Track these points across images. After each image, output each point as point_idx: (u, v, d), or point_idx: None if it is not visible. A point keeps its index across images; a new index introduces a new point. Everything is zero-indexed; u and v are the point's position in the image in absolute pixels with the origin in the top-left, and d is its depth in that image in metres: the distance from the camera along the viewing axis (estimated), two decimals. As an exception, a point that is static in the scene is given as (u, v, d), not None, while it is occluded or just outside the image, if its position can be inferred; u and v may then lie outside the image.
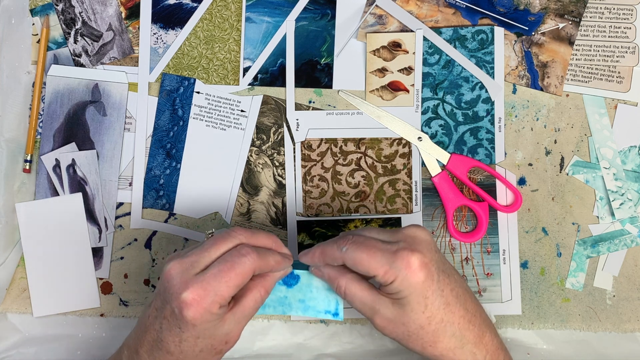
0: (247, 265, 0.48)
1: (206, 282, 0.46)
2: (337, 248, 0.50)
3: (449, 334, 0.50)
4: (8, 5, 0.64)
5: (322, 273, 0.52)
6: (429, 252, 0.49)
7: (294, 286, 0.54)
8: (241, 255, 0.48)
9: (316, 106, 0.65)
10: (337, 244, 0.50)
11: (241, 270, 0.47)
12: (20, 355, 0.64)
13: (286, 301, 0.53)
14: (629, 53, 0.65)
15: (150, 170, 0.65)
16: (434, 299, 0.49)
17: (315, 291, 0.54)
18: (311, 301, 0.53)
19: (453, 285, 0.50)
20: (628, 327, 0.65)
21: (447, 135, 0.65)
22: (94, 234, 0.65)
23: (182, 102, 0.65)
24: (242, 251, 0.48)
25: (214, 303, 0.47)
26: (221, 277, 0.47)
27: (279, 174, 0.65)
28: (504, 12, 0.65)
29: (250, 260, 0.48)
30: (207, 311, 0.46)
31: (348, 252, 0.49)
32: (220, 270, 0.47)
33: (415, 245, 0.49)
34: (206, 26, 0.65)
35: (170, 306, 0.47)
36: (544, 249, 0.65)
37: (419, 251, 0.48)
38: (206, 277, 0.47)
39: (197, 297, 0.46)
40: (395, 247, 0.48)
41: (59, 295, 0.64)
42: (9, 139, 0.64)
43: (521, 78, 0.65)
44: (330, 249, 0.50)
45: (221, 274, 0.47)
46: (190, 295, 0.46)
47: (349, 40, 0.65)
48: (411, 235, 0.50)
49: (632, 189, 0.65)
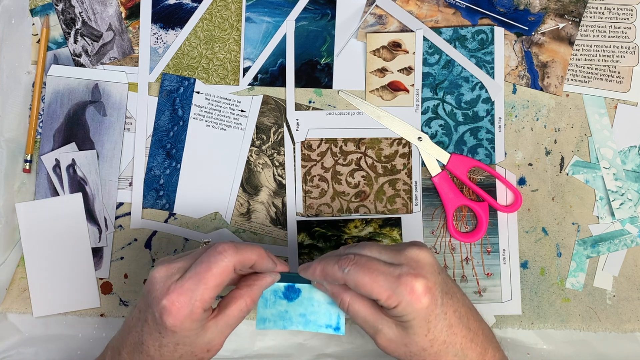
0: (225, 262, 0.46)
1: (185, 287, 0.45)
2: (338, 269, 0.48)
3: (451, 355, 0.49)
4: (8, 5, 0.64)
5: (324, 288, 0.51)
6: (432, 275, 0.48)
7: (294, 300, 0.53)
8: (217, 253, 0.46)
9: (316, 106, 0.65)
10: (339, 264, 0.48)
11: (219, 270, 0.46)
12: (20, 355, 0.64)
13: (287, 315, 0.53)
14: (629, 53, 0.65)
15: (150, 170, 0.65)
16: (436, 323, 0.48)
17: (316, 305, 0.53)
18: (312, 315, 0.53)
19: (456, 306, 0.50)
20: (628, 327, 0.65)
21: (447, 135, 0.65)
22: (94, 234, 0.65)
23: (182, 102, 0.65)
24: (218, 248, 0.47)
25: (195, 309, 0.46)
26: (199, 280, 0.46)
27: (279, 174, 0.65)
28: (504, 12, 0.65)
29: (227, 256, 0.46)
30: (188, 318, 0.46)
31: (350, 274, 0.48)
32: (197, 272, 0.46)
33: (419, 269, 0.48)
34: (206, 26, 0.65)
35: (152, 310, 0.47)
36: (544, 249, 0.65)
37: (423, 276, 0.47)
38: (185, 283, 0.46)
39: (177, 303, 0.45)
40: (398, 272, 0.47)
41: (59, 295, 0.64)
42: (9, 139, 0.64)
43: (521, 78, 0.65)
44: (332, 269, 0.49)
45: (198, 276, 0.46)
46: (169, 301, 0.45)
47: (349, 40, 0.65)
48: (414, 258, 0.48)
49: (632, 189, 0.65)
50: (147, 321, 0.48)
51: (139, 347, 0.48)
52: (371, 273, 0.47)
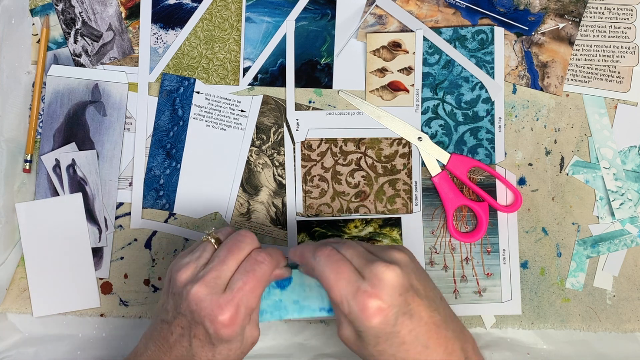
0: (267, 270, 0.50)
1: (237, 299, 0.48)
2: (312, 255, 0.50)
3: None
4: (8, 5, 0.64)
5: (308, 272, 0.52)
6: (390, 297, 0.47)
7: (287, 287, 0.54)
8: (259, 263, 0.50)
9: (316, 106, 0.65)
10: (314, 251, 0.50)
11: (262, 278, 0.50)
12: (20, 355, 0.64)
13: (281, 304, 0.53)
14: (629, 53, 0.65)
15: (150, 170, 0.65)
16: (386, 339, 0.47)
17: (308, 290, 0.53)
18: (305, 301, 0.53)
19: (414, 325, 0.48)
20: (628, 327, 0.65)
21: (447, 135, 0.65)
22: (94, 234, 0.65)
23: (182, 102, 0.65)
24: (258, 258, 0.50)
25: (245, 317, 0.49)
26: (247, 289, 0.49)
27: (279, 174, 0.65)
28: (504, 12, 0.65)
29: (267, 265, 0.50)
30: (240, 327, 0.48)
31: (318, 263, 0.49)
32: (245, 282, 0.49)
33: (378, 289, 0.47)
34: (206, 26, 0.65)
35: (204, 327, 0.48)
36: (544, 249, 0.65)
37: (379, 297, 0.46)
38: (235, 294, 0.48)
39: (232, 316, 0.48)
40: (359, 285, 0.47)
41: (59, 295, 0.64)
42: (9, 139, 0.64)
43: (521, 78, 0.65)
44: (307, 254, 0.50)
45: (247, 286, 0.49)
46: (226, 316, 0.48)
47: (349, 40, 0.65)
48: (378, 276, 0.47)
49: (632, 189, 0.65)
50: (197, 337, 0.49)
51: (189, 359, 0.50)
52: (337, 273, 0.48)
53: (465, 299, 0.65)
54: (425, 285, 0.50)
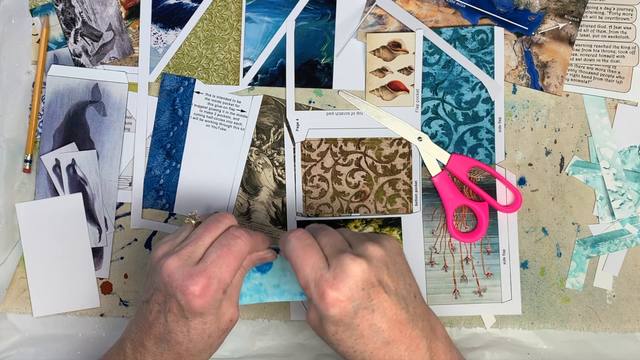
0: (243, 246, 0.49)
1: (209, 270, 0.48)
2: (285, 235, 0.50)
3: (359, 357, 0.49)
4: (8, 5, 0.64)
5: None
6: (350, 290, 0.46)
7: (267, 272, 0.54)
8: (236, 238, 0.49)
9: (316, 106, 0.65)
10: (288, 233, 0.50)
11: (238, 253, 0.49)
12: (20, 355, 0.64)
13: (262, 288, 0.54)
14: (629, 53, 0.65)
15: (150, 170, 0.65)
16: (344, 329, 0.47)
17: (289, 274, 0.54)
18: (286, 285, 0.53)
19: (375, 320, 0.47)
20: (628, 327, 0.65)
21: (447, 135, 0.65)
22: (94, 234, 0.65)
23: (182, 102, 0.65)
24: (235, 233, 0.50)
25: (218, 289, 0.48)
26: (221, 262, 0.48)
27: (279, 174, 0.65)
28: (504, 12, 0.65)
29: (244, 241, 0.49)
30: (213, 298, 0.48)
31: (288, 244, 0.49)
32: (219, 255, 0.48)
33: (339, 280, 0.46)
34: (206, 26, 0.65)
35: (176, 300, 0.48)
36: (544, 249, 0.65)
37: (338, 289, 0.46)
38: (208, 266, 0.48)
39: (203, 286, 0.47)
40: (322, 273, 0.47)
41: (59, 295, 0.64)
42: (9, 139, 0.64)
43: (521, 78, 0.65)
44: (283, 237, 0.51)
45: (221, 259, 0.48)
46: (197, 287, 0.47)
47: (349, 40, 0.65)
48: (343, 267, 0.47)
49: (632, 189, 0.65)
50: (172, 310, 0.49)
51: (166, 336, 0.50)
52: (304, 257, 0.48)
53: (465, 299, 0.65)
54: (397, 282, 0.49)
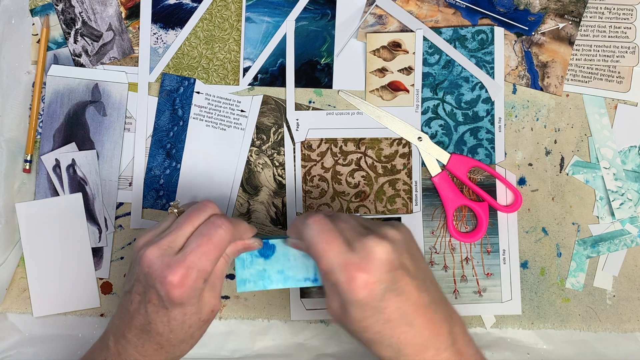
0: (224, 235, 0.48)
1: (188, 260, 0.47)
2: (302, 221, 0.49)
3: (385, 344, 0.48)
4: (8, 5, 0.64)
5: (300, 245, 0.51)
6: (378, 272, 0.46)
7: (271, 257, 0.53)
8: (217, 227, 0.48)
9: (316, 106, 0.65)
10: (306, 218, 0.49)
11: (219, 242, 0.48)
12: (20, 355, 0.64)
13: (265, 274, 0.53)
14: (629, 53, 0.65)
15: (150, 170, 0.65)
16: (372, 314, 0.47)
17: (292, 259, 0.53)
18: (290, 270, 0.53)
19: (401, 304, 0.47)
20: (628, 327, 0.65)
21: (447, 135, 0.65)
22: (94, 234, 0.65)
23: (182, 102, 0.65)
24: (216, 222, 0.49)
25: (198, 279, 0.47)
26: (201, 252, 0.48)
27: (279, 174, 0.65)
28: (504, 12, 0.65)
29: (225, 230, 0.49)
30: (192, 288, 0.47)
31: (308, 229, 0.48)
32: (199, 245, 0.48)
33: (367, 263, 0.46)
34: (206, 26, 0.65)
35: (155, 290, 0.48)
36: (544, 249, 0.65)
37: (367, 271, 0.46)
38: (187, 255, 0.47)
39: (182, 276, 0.47)
40: (348, 258, 0.46)
41: (59, 295, 0.64)
42: (9, 139, 0.64)
43: (521, 78, 0.65)
44: (298, 222, 0.49)
45: (200, 249, 0.48)
46: (175, 277, 0.47)
47: (349, 40, 0.65)
48: (369, 250, 0.47)
49: (632, 189, 0.65)
50: (152, 301, 0.49)
51: (146, 327, 0.50)
52: (327, 243, 0.47)
53: (465, 299, 0.65)
54: (417, 266, 0.49)
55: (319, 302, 0.65)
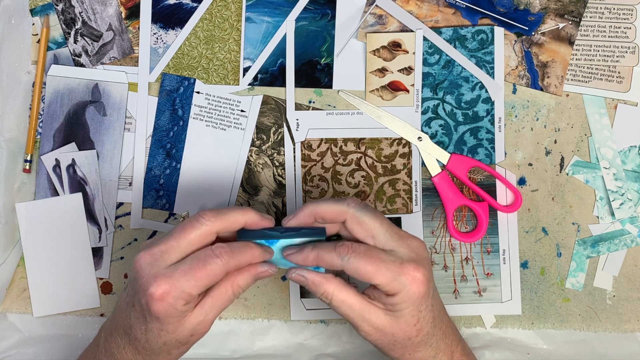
0: (219, 265, 0.47)
1: (175, 278, 0.46)
2: (337, 256, 0.48)
3: (428, 346, 0.51)
4: (8, 5, 0.64)
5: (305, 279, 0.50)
6: (428, 268, 0.50)
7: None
8: (214, 256, 0.47)
9: (316, 106, 0.65)
10: (337, 251, 0.48)
11: (211, 271, 0.47)
12: (20, 355, 0.64)
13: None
14: (629, 53, 0.65)
15: (150, 170, 0.65)
16: (425, 313, 0.50)
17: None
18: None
19: (438, 300, 0.53)
20: (628, 327, 0.65)
21: (447, 135, 0.65)
22: (94, 234, 0.65)
23: (182, 102, 0.65)
24: (216, 251, 0.47)
25: (179, 299, 0.46)
26: (191, 275, 0.47)
27: (279, 174, 0.65)
28: (504, 12, 0.65)
29: (222, 261, 0.47)
30: (172, 306, 0.47)
31: (350, 262, 0.48)
32: (192, 268, 0.47)
33: (419, 260, 0.49)
34: (206, 26, 0.65)
35: (138, 297, 0.48)
36: (544, 249, 0.65)
37: (423, 267, 0.48)
38: (175, 273, 0.47)
39: (163, 292, 0.46)
40: (400, 261, 0.48)
41: (59, 295, 0.64)
42: (9, 139, 0.64)
43: (521, 78, 0.65)
44: (329, 256, 0.48)
45: (192, 272, 0.47)
46: (157, 289, 0.46)
47: (349, 40, 0.65)
48: (416, 248, 0.50)
49: (632, 189, 0.65)
50: (135, 306, 0.49)
51: (128, 330, 0.50)
52: (373, 262, 0.48)
53: (465, 299, 0.65)
54: None
55: (319, 302, 0.65)
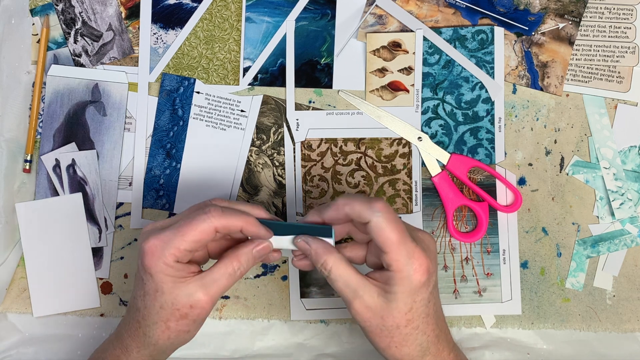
0: (207, 222, 0.48)
1: (165, 234, 0.48)
2: (369, 208, 0.48)
3: (417, 342, 0.50)
4: (8, 5, 0.64)
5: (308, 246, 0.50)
6: (434, 263, 0.50)
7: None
8: (204, 213, 0.49)
9: (316, 106, 0.65)
10: (371, 205, 0.48)
11: (200, 227, 0.48)
12: (20, 355, 0.64)
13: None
14: (629, 53, 0.65)
15: (150, 170, 0.65)
16: (420, 306, 0.49)
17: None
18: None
19: (436, 300, 0.51)
20: (628, 327, 0.65)
21: (447, 135, 0.65)
22: (94, 234, 0.65)
23: (182, 102, 0.65)
24: (205, 209, 0.49)
25: (169, 255, 0.48)
26: (178, 230, 0.48)
27: (279, 174, 0.65)
28: (504, 12, 0.65)
29: (211, 217, 0.48)
30: (162, 260, 0.48)
31: (380, 220, 0.47)
32: (180, 225, 0.49)
33: (428, 253, 0.49)
34: (206, 26, 0.65)
35: (138, 262, 0.50)
36: (544, 249, 0.65)
37: (430, 260, 0.49)
38: (166, 231, 0.49)
39: (153, 246, 0.48)
40: (414, 245, 0.48)
41: (59, 295, 0.64)
42: (9, 139, 0.64)
43: (521, 78, 0.65)
44: (361, 207, 0.48)
45: (179, 228, 0.48)
46: (147, 244, 0.48)
47: (349, 40, 0.65)
48: (427, 242, 0.51)
49: (632, 189, 0.65)
50: (136, 275, 0.51)
51: (132, 302, 0.52)
52: (399, 234, 0.48)
53: (465, 299, 0.65)
54: None
55: (319, 302, 0.65)
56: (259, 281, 0.65)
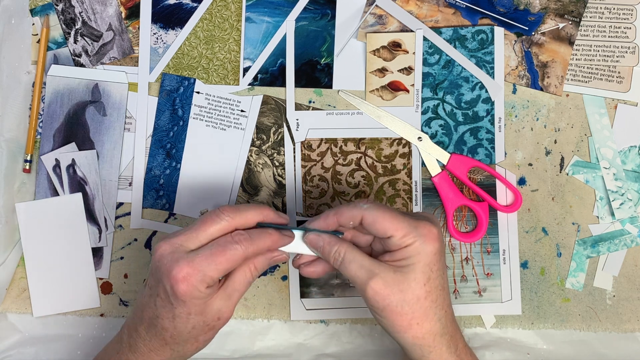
0: (239, 251, 0.49)
1: (196, 262, 0.48)
2: (355, 206, 0.51)
3: (437, 317, 0.50)
4: (8, 5, 0.64)
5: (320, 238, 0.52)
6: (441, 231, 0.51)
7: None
8: (234, 242, 0.49)
9: (316, 106, 0.65)
10: (355, 203, 0.51)
11: (231, 256, 0.49)
12: (20, 355, 0.64)
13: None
14: (629, 53, 0.65)
15: (150, 170, 0.65)
16: (436, 276, 0.50)
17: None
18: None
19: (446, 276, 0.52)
20: (628, 327, 0.65)
21: (447, 135, 0.65)
22: (94, 234, 0.65)
23: (182, 102, 0.65)
24: (235, 237, 0.50)
25: (202, 282, 0.48)
26: (212, 259, 0.49)
27: (279, 174, 0.65)
28: (504, 12, 0.65)
29: (242, 247, 0.49)
30: (195, 288, 0.48)
31: (370, 209, 0.50)
32: (212, 253, 0.49)
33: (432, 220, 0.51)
34: (206, 26, 0.65)
35: (163, 284, 0.49)
36: (544, 249, 0.65)
37: (437, 226, 0.50)
38: (197, 258, 0.49)
39: (186, 274, 0.48)
40: (416, 219, 0.50)
41: (59, 295, 0.64)
42: (9, 139, 0.64)
43: (521, 78, 0.65)
44: (348, 209, 0.51)
45: (212, 257, 0.49)
46: (180, 272, 0.48)
47: (349, 40, 0.65)
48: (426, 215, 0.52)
49: (632, 189, 0.65)
50: (160, 295, 0.50)
51: (154, 321, 0.51)
52: (391, 212, 0.50)
53: (465, 299, 0.65)
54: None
55: (319, 302, 0.65)
56: (259, 281, 0.65)
